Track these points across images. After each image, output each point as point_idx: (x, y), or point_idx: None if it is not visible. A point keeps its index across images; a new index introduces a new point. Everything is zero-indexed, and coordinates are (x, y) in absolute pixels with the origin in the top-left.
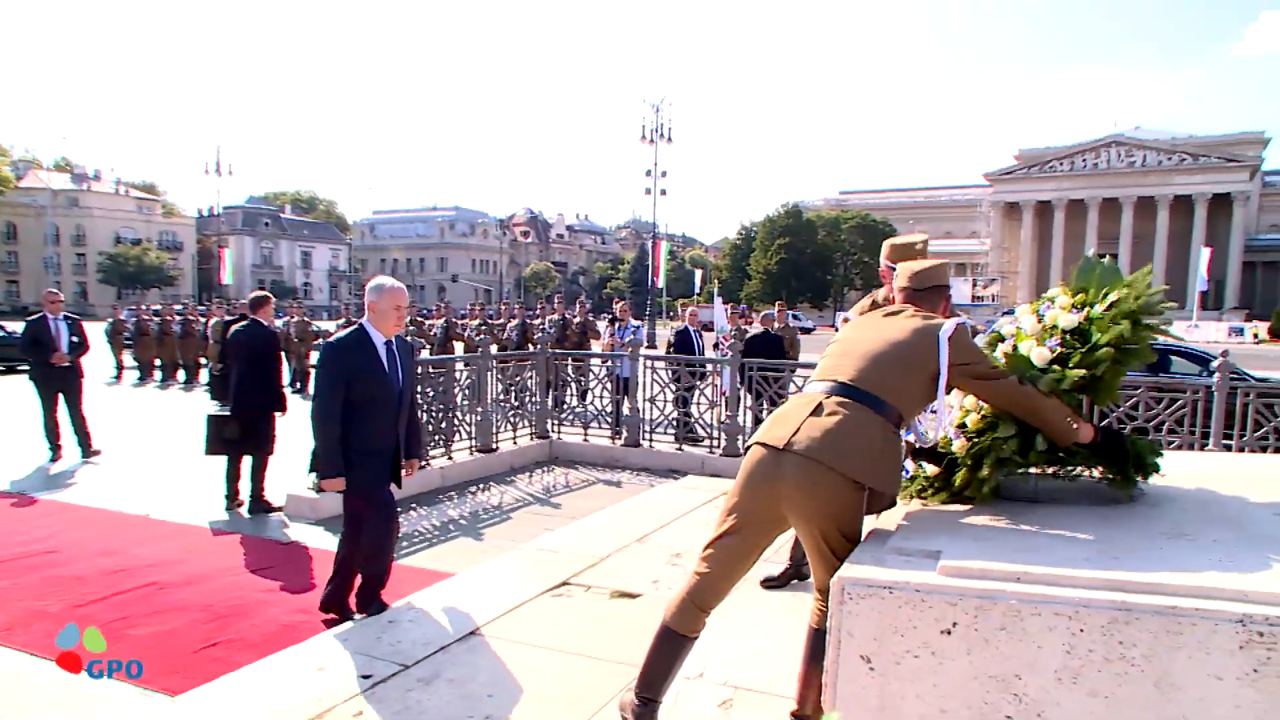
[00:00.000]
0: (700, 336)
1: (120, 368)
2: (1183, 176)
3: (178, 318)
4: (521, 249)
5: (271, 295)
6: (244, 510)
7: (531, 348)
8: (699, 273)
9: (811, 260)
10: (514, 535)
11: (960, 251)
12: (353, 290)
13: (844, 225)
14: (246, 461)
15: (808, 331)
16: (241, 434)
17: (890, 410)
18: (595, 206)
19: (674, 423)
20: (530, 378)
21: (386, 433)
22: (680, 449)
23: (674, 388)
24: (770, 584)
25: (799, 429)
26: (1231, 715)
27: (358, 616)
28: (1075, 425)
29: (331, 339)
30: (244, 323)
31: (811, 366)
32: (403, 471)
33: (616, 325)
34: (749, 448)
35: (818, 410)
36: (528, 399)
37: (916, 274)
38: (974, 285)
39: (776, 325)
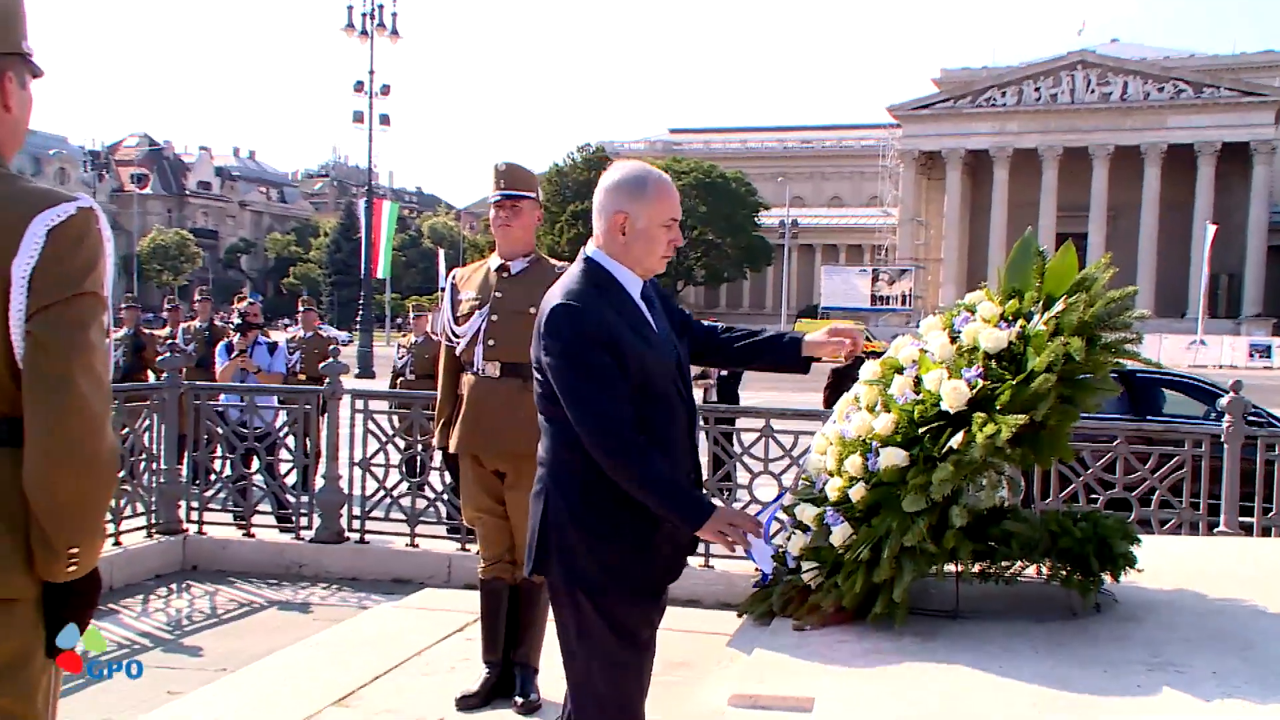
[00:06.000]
0: None
1: None
2: (1180, 116)
3: None
4: (134, 204)
5: None
6: None
7: (152, 376)
8: (444, 253)
9: None
10: (112, 709)
11: (855, 227)
12: None
13: (677, 183)
14: None
15: None
16: None
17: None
18: (268, 140)
19: (403, 501)
20: (147, 429)
21: (680, 457)
22: (414, 544)
23: (403, 443)
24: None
25: None
26: None
27: None
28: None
29: (561, 301)
30: None
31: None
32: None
33: (243, 338)
34: None
35: None
36: (142, 466)
37: None
38: (875, 279)
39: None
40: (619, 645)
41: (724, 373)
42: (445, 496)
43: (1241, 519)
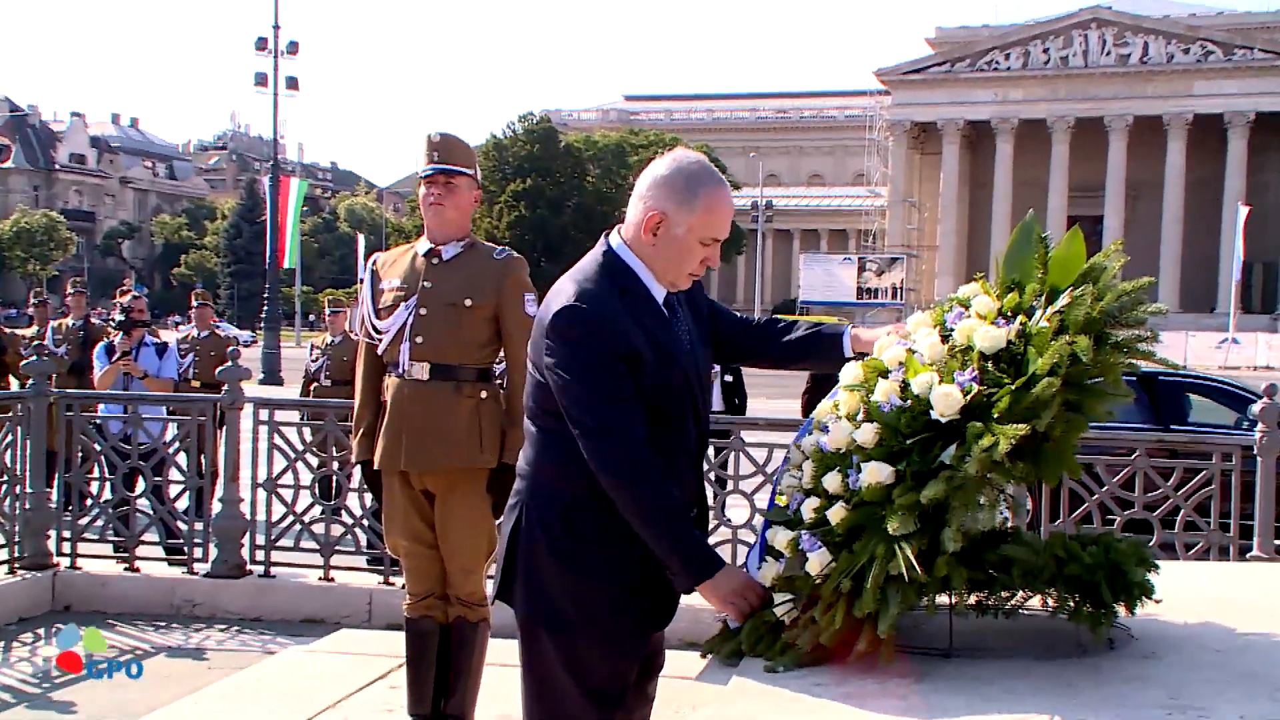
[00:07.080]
0: None
1: None
2: (1207, 82)
3: None
4: None
5: None
6: None
7: (15, 384)
8: (364, 239)
9: (576, 216)
10: None
11: (838, 209)
12: None
13: (633, 157)
14: None
15: None
16: None
17: None
18: (154, 106)
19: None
20: (9, 445)
21: (685, 485)
22: (328, 578)
23: (315, 459)
24: None
25: None
26: None
27: None
28: None
29: (573, 301)
30: None
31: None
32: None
33: (127, 337)
34: None
35: None
36: (3, 489)
37: None
38: (861, 269)
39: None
40: (582, 698)
41: (728, 376)
42: (365, 522)
43: (1278, 542)
